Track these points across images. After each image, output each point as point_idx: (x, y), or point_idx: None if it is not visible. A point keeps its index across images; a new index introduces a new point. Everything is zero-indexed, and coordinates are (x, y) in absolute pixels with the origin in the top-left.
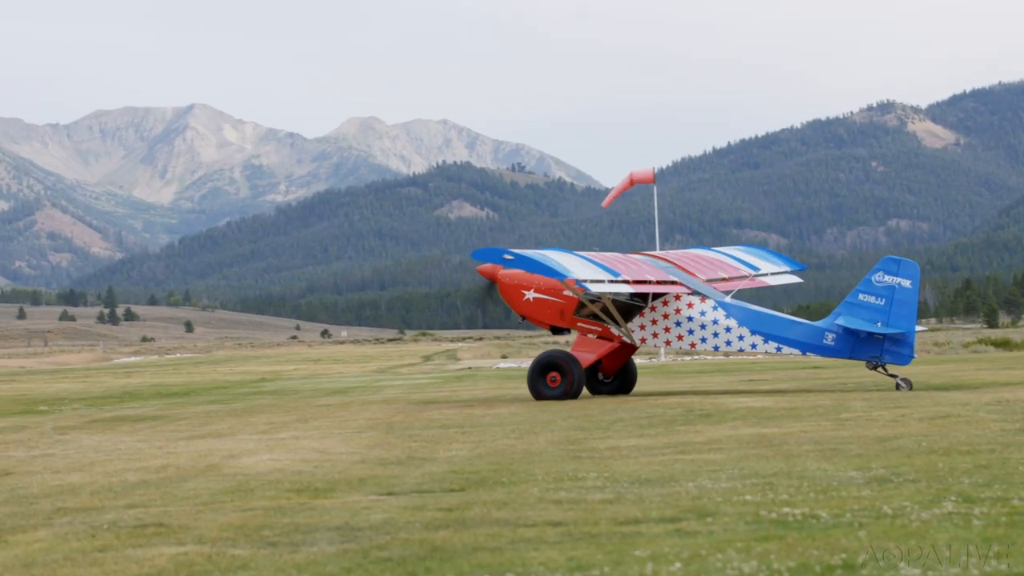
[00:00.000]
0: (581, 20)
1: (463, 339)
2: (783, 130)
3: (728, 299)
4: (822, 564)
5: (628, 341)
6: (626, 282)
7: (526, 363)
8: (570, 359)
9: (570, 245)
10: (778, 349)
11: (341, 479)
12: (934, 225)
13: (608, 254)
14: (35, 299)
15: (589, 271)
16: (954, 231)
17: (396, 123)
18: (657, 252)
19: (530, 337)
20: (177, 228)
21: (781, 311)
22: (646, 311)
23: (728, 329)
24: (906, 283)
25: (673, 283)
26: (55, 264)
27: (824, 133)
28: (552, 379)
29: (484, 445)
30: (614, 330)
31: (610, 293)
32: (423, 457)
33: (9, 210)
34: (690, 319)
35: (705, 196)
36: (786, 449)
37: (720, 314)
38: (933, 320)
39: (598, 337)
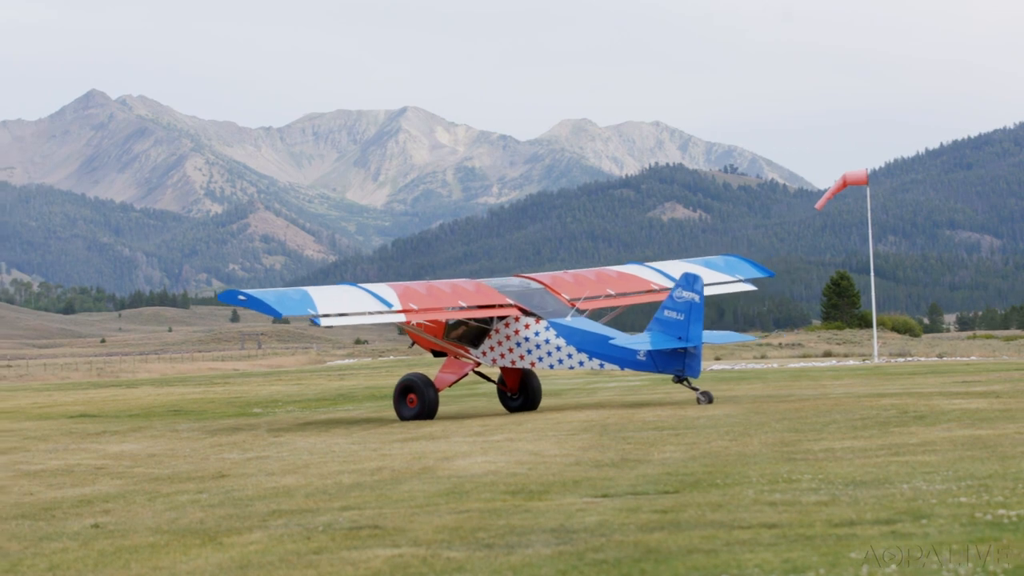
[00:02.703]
0: (786, 23)
1: None
2: (996, 131)
3: (569, 318)
4: None
5: (481, 363)
6: (398, 312)
7: (740, 365)
8: (425, 382)
9: (781, 247)
10: (601, 365)
11: (555, 481)
12: None
13: (430, 282)
14: None
15: (337, 305)
16: None
17: (608, 125)
18: (535, 275)
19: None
20: (390, 231)
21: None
22: (492, 334)
23: (558, 348)
24: (697, 298)
25: (487, 307)
26: (268, 267)
27: None
28: (410, 400)
29: (698, 447)
30: (472, 352)
31: (376, 323)
32: (637, 459)
33: (223, 213)
34: (526, 339)
35: (918, 197)
36: (1001, 451)
37: (551, 334)
38: None
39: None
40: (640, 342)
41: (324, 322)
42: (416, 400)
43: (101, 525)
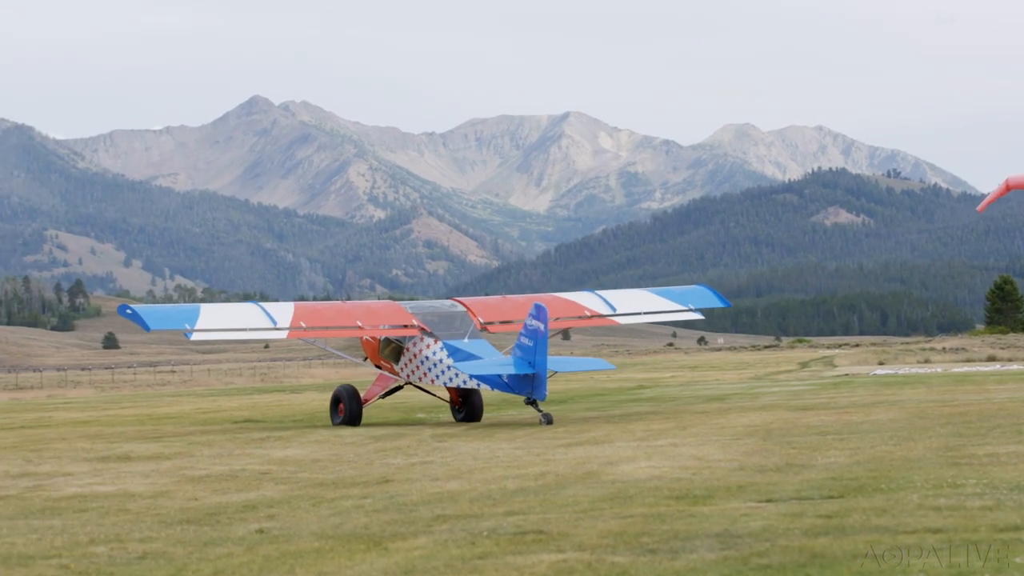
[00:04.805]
0: (945, 25)
1: (840, 345)
2: None
3: (466, 340)
4: None
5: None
6: (281, 329)
7: (903, 369)
8: (351, 395)
9: (944, 251)
10: (478, 385)
11: (720, 486)
12: None
13: (341, 303)
14: None
15: (220, 321)
16: None
17: (771, 130)
18: (468, 299)
19: (907, 344)
20: (553, 236)
21: None
22: (405, 352)
23: (449, 367)
24: (542, 327)
25: (406, 327)
26: (432, 272)
27: None
28: (340, 410)
29: (862, 452)
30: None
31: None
32: (801, 464)
33: (386, 218)
34: (427, 358)
35: None
36: None
37: (444, 354)
38: None
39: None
40: (504, 366)
41: (195, 336)
42: (344, 409)
43: (266, 530)
